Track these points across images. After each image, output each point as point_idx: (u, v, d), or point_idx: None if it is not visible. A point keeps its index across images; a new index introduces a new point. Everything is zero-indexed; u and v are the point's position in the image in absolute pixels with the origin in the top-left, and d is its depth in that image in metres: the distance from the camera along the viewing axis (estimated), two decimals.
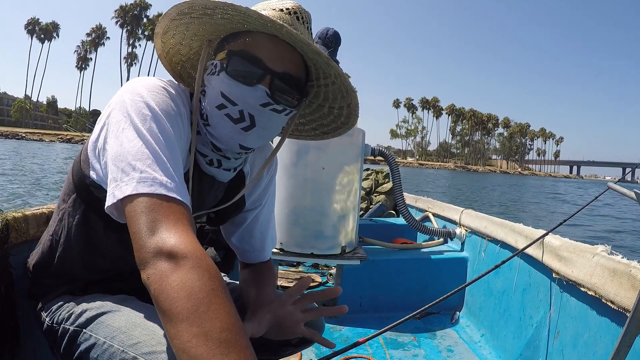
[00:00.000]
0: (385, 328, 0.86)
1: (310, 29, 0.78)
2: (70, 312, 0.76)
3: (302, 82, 0.75)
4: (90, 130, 0.76)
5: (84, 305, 0.76)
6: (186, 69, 0.84)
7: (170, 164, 0.60)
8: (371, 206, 3.22)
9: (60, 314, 0.77)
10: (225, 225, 0.96)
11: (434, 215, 2.70)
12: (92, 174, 0.72)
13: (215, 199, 0.86)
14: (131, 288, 0.81)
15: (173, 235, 0.53)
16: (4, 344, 0.96)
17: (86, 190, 0.74)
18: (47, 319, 0.79)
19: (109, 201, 0.58)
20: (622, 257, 1.10)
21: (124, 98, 0.65)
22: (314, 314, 0.84)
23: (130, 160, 0.58)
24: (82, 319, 0.74)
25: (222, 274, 1.07)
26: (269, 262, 1.00)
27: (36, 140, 49.40)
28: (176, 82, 0.77)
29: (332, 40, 2.66)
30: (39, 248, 0.84)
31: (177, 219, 0.55)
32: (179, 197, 0.57)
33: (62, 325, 0.76)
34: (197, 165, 0.79)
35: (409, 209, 2.45)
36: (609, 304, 1.06)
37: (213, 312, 0.48)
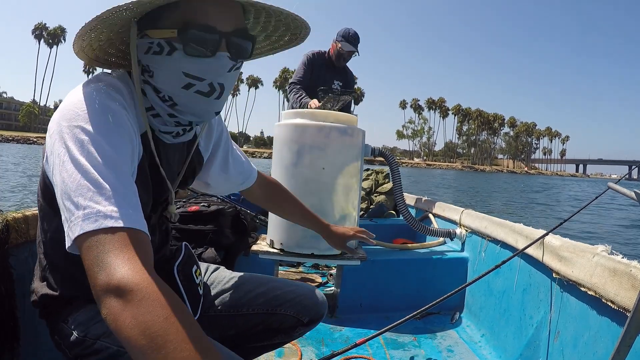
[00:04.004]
0: (385, 328, 0.86)
1: None
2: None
3: (247, 30, 0.74)
4: None
5: None
6: (104, 49, 0.75)
7: (114, 189, 0.57)
8: (371, 206, 3.21)
9: (95, 328, 0.74)
10: (214, 180, 1.01)
11: (434, 215, 2.69)
12: None
13: (180, 162, 0.88)
14: None
15: (119, 268, 0.51)
16: (4, 344, 0.96)
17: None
18: (76, 332, 0.75)
19: (67, 243, 0.57)
20: (622, 257, 1.10)
21: (60, 125, 0.62)
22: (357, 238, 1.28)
23: (73, 197, 0.56)
24: None
25: (223, 267, 1.10)
26: (259, 174, 1.12)
27: None
28: (115, 73, 0.73)
29: (356, 39, 3.02)
30: (39, 281, 0.80)
31: (122, 247, 0.53)
32: (125, 225, 0.55)
33: (98, 340, 0.73)
34: (160, 140, 0.78)
35: (409, 209, 2.45)
36: (609, 304, 1.05)
37: (171, 342, 0.47)
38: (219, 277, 1.05)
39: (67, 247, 0.57)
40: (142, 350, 0.47)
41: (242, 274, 1.06)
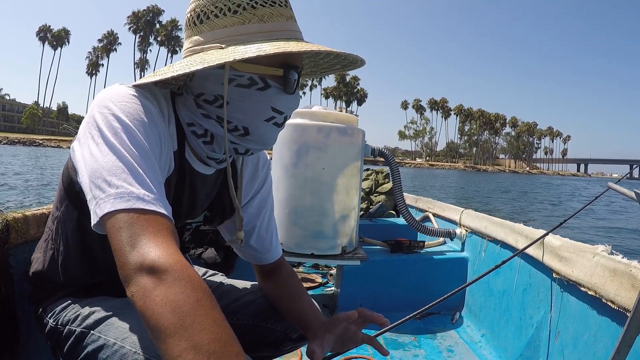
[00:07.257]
0: (386, 328, 0.86)
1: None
2: (77, 313, 0.76)
3: None
4: (74, 134, 0.76)
5: (90, 307, 0.76)
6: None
7: (146, 175, 0.59)
8: (371, 206, 3.21)
9: (65, 316, 0.77)
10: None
11: (434, 215, 2.69)
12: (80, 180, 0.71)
13: (208, 195, 0.86)
14: None
15: (153, 249, 0.53)
16: (5, 344, 0.96)
17: (77, 196, 0.74)
18: (51, 321, 0.78)
19: (93, 220, 0.58)
20: (622, 257, 1.10)
21: (94, 112, 0.64)
22: (366, 323, 0.86)
23: (105, 176, 0.57)
24: (89, 321, 0.73)
25: (221, 274, 1.08)
26: (286, 262, 0.99)
27: (54, 147, 49.57)
28: (152, 87, 0.73)
29: None
30: (38, 256, 0.83)
31: (157, 231, 0.55)
32: (157, 209, 0.57)
33: (67, 326, 0.75)
34: (189, 164, 0.78)
35: (409, 209, 2.45)
36: (609, 304, 1.05)
37: (199, 324, 0.48)
38: (210, 283, 1.02)
39: (92, 224, 0.58)
40: (169, 327, 0.48)
41: (235, 280, 1.03)
